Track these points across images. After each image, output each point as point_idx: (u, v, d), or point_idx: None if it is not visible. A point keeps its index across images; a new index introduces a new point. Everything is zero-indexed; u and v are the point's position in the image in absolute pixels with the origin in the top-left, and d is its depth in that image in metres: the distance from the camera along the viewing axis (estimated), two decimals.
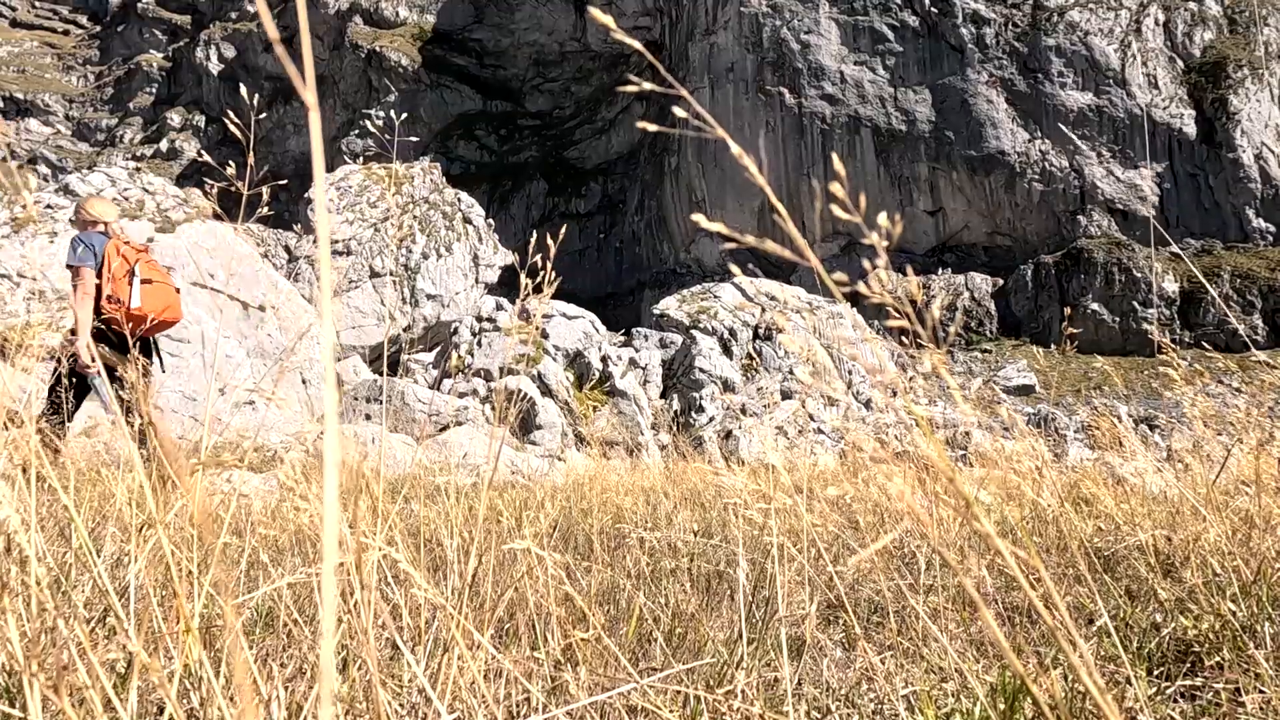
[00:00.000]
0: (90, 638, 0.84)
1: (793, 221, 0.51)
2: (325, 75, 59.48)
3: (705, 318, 19.75)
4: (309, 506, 0.90)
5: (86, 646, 0.59)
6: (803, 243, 0.45)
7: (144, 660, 0.62)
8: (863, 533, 2.55)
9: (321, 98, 59.18)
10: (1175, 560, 2.21)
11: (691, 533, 2.38)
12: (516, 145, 57.43)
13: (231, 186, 1.34)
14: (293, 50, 2.49)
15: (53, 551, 1.57)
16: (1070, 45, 40.99)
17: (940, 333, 0.59)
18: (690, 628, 1.68)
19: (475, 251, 29.65)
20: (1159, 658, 1.54)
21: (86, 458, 4.18)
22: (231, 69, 63.06)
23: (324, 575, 0.37)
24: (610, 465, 4.16)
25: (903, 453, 4.28)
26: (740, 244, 0.44)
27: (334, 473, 0.34)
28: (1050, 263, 38.88)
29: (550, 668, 1.24)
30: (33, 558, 0.70)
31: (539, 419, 15.14)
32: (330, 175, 30.10)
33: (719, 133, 0.45)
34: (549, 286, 1.53)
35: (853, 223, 0.61)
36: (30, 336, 6.19)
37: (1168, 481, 2.72)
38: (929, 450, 0.63)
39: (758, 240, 0.43)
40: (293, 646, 1.40)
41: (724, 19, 46.75)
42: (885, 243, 0.47)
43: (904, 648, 1.68)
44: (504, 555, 1.64)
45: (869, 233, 0.44)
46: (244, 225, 1.75)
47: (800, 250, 0.44)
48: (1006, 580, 2.23)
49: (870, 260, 2.05)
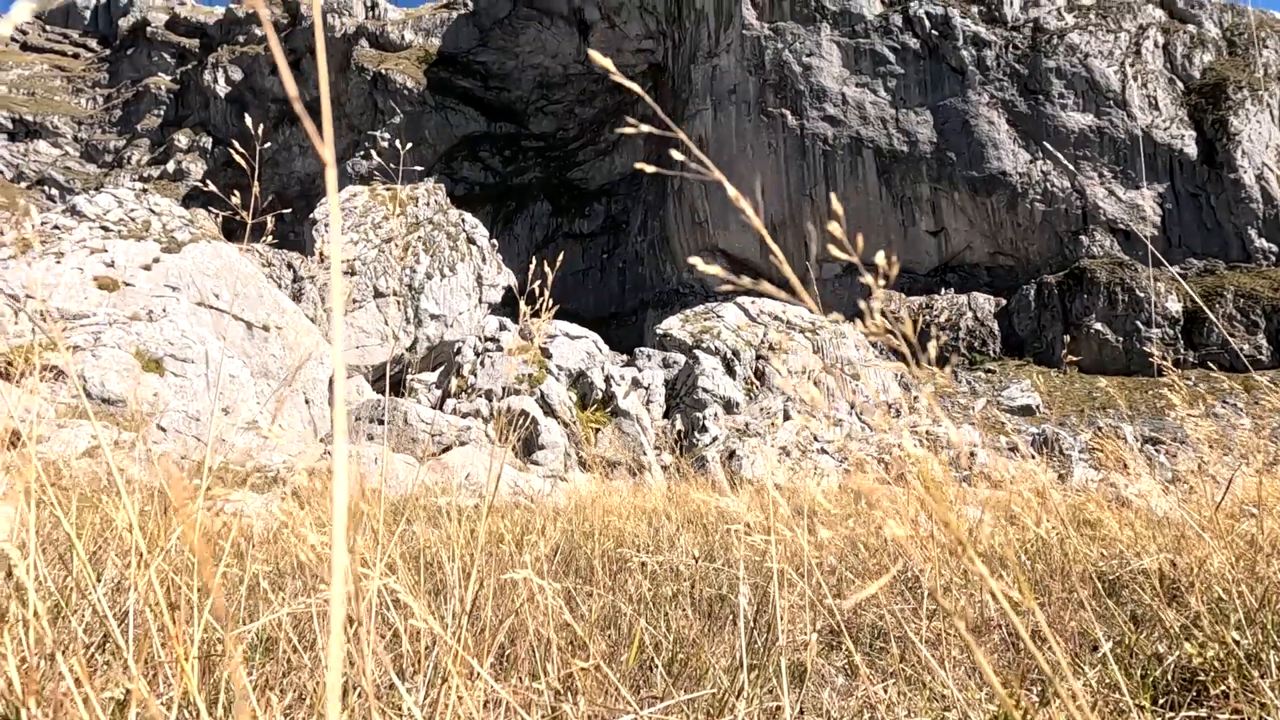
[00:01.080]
0: (89, 665, 0.84)
1: (795, 241, 0.51)
2: (331, 98, 59.99)
3: (708, 337, 19.77)
4: (308, 539, 0.90)
5: (84, 678, 0.58)
6: (797, 284, 0.46)
7: (142, 695, 0.62)
8: (865, 555, 2.54)
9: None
10: (1180, 585, 2.19)
11: (694, 557, 2.37)
12: (520, 166, 57.80)
13: (237, 215, 1.36)
14: (299, 72, 2.52)
15: (53, 576, 1.56)
16: (1070, 67, 41.27)
17: (941, 358, 0.58)
18: (692, 654, 1.67)
19: (479, 271, 29.75)
20: (1164, 686, 1.53)
21: (89, 480, 4.18)
22: (238, 91, 63.70)
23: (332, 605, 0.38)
24: (612, 486, 4.15)
25: (903, 475, 4.26)
26: (738, 287, 0.44)
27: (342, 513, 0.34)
28: (1053, 283, 38.90)
29: (550, 698, 1.23)
30: (30, 589, 0.70)
31: (541, 439, 15.11)
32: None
33: (716, 175, 0.45)
34: (547, 312, 1.54)
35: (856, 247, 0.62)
36: (36, 357, 6.22)
37: (1172, 504, 2.71)
38: (923, 486, 0.63)
39: (754, 282, 0.43)
40: (292, 673, 1.40)
41: (726, 42, 47.17)
42: (881, 282, 0.48)
43: (906, 675, 1.66)
44: (504, 581, 1.64)
45: (865, 272, 0.45)
46: (249, 246, 1.76)
47: (797, 292, 0.45)
48: (1013, 604, 2.22)
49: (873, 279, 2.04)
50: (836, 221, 0.45)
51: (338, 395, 0.31)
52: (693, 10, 49.85)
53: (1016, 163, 40.81)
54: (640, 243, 52.13)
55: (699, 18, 49.27)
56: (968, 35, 42.99)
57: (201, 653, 1.05)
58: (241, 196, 1.59)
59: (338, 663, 0.32)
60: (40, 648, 0.71)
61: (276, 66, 38.37)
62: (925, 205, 42.19)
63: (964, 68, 42.52)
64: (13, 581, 1.37)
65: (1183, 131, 39.99)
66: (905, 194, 42.36)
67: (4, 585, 1.39)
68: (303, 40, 61.45)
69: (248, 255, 21.78)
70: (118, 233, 18.97)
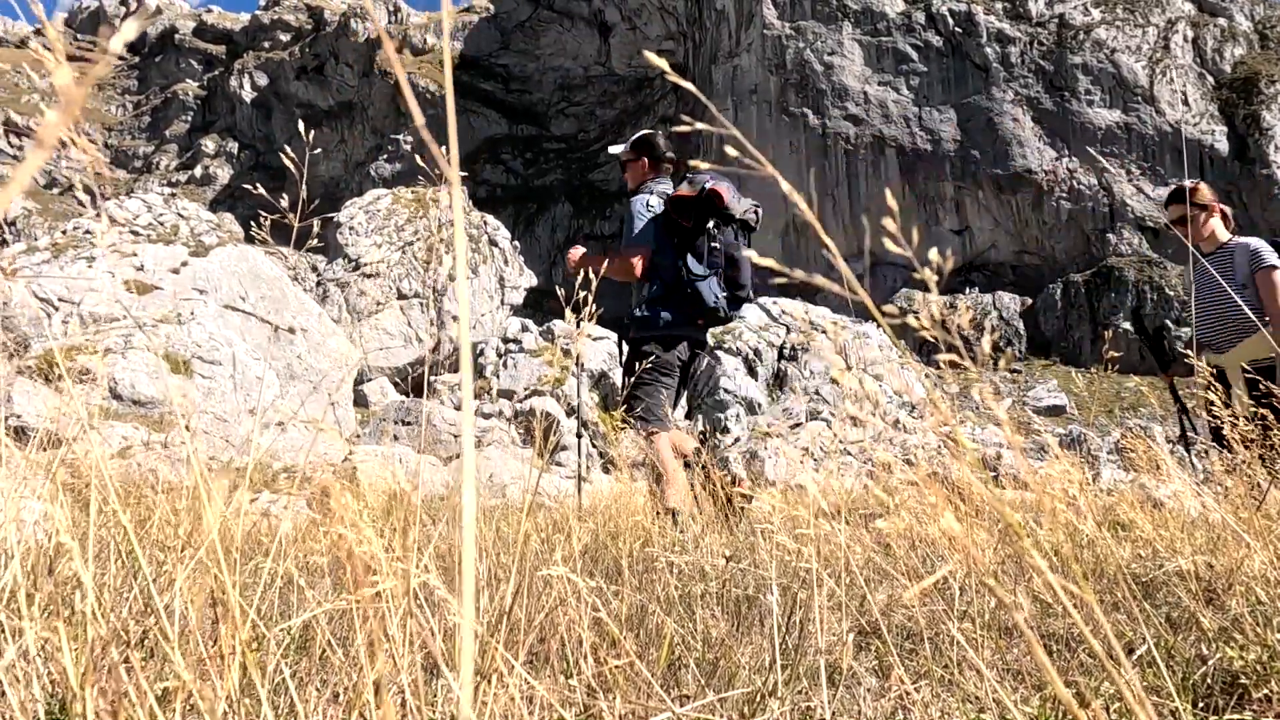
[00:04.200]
0: (138, 663, 0.85)
1: (817, 241, 0.51)
2: (355, 102, 60.62)
3: (730, 338, 19.72)
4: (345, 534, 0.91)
5: (138, 671, 0.60)
6: (851, 277, 0.46)
7: (195, 688, 0.64)
8: (895, 557, 2.52)
9: (350, 123, 60.29)
10: (1217, 587, 2.15)
11: (722, 557, 2.37)
12: (542, 168, 58.04)
13: (285, 218, 1.38)
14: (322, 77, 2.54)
15: (93, 571, 1.59)
16: (1097, 63, 40.73)
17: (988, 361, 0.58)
18: (722, 654, 1.67)
19: (501, 273, 29.92)
20: (1204, 690, 1.50)
21: (122, 478, 4.25)
22: (264, 97, 64.50)
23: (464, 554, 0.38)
24: (636, 487, 4.15)
25: (934, 474, 4.23)
26: (791, 278, 0.44)
27: (471, 513, 0.35)
28: (1080, 281, 38.41)
29: (584, 695, 1.24)
30: (89, 582, 0.71)
31: (564, 440, 15.16)
32: (359, 199, 30.55)
33: (752, 152, 0.45)
34: (591, 315, 1.55)
35: (880, 244, 0.62)
36: (70, 359, 6.33)
37: (1208, 504, 2.66)
38: (970, 477, 0.62)
39: (807, 275, 0.43)
40: (327, 671, 1.41)
41: (747, 41, 47.07)
42: (935, 276, 0.48)
43: (939, 676, 1.65)
44: (534, 579, 1.65)
45: (920, 267, 0.45)
46: (275, 249, 1.79)
47: (853, 286, 0.45)
48: (1042, 607, 2.19)
49: (895, 279, 2.06)
50: (890, 217, 0.45)
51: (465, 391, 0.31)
52: (713, 10, 49.79)
53: (1042, 160, 40.34)
54: None
55: (719, 18, 49.21)
56: (991, 32, 42.57)
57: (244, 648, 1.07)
58: (279, 200, 1.61)
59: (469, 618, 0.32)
60: (99, 640, 0.73)
61: (300, 72, 38.70)
62: (949, 204, 41.82)
63: (988, 65, 42.10)
64: (56, 576, 1.40)
65: (1213, 127, 39.33)
66: (928, 193, 42.02)
67: (47, 581, 1.41)
68: (327, 45, 62.12)
69: (273, 259, 22.04)
70: (147, 237, 19.28)
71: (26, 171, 0.27)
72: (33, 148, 0.29)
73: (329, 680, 1.40)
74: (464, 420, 0.31)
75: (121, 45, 0.31)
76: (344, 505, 0.75)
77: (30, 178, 0.28)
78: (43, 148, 0.28)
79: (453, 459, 11.78)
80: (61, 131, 0.29)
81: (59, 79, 0.31)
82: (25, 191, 51.60)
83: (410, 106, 0.35)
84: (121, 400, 13.13)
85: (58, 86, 0.30)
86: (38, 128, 0.29)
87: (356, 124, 59.85)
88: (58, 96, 0.30)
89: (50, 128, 0.28)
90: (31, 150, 0.28)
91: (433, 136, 1.52)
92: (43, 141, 0.28)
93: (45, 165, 65.60)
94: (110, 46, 0.31)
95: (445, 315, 28.03)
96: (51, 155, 0.30)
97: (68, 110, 0.29)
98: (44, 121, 0.28)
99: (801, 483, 6.70)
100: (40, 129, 0.28)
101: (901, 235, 0.53)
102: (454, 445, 13.29)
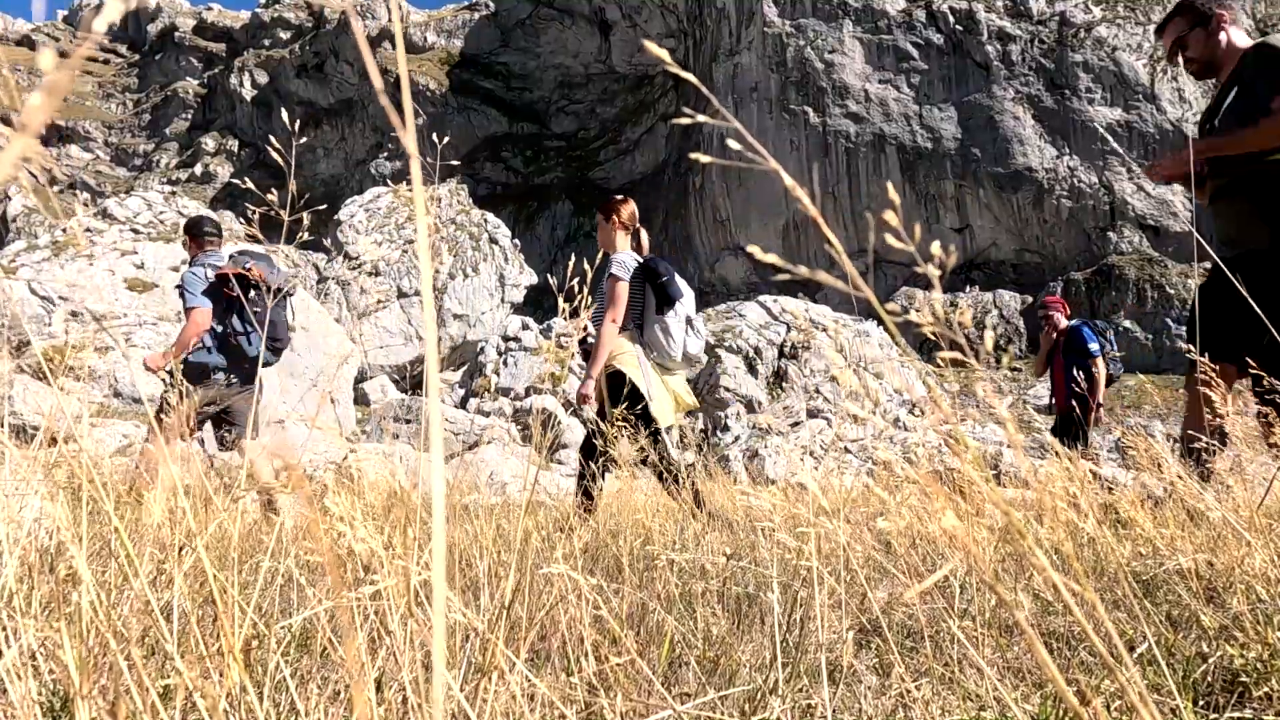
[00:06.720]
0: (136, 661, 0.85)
1: (818, 239, 0.51)
2: (355, 100, 60.60)
3: (730, 336, 19.72)
4: (347, 532, 0.91)
5: (140, 668, 0.60)
6: (856, 276, 0.46)
7: (196, 685, 0.63)
8: (896, 555, 2.52)
9: (351, 121, 60.26)
10: (1217, 586, 2.15)
11: (723, 555, 2.37)
12: (542, 166, 58.02)
13: (273, 212, 1.38)
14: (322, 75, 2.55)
15: (92, 569, 1.59)
16: (1098, 61, 40.69)
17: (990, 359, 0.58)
18: (723, 652, 1.67)
19: (501, 271, 29.91)
20: (1205, 688, 1.50)
21: (123, 478, 4.25)
22: (264, 95, 64.47)
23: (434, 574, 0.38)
24: (637, 485, 4.16)
25: (934, 472, 4.23)
26: (793, 274, 0.44)
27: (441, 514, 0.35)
28: (1081, 280, 38.39)
29: (585, 692, 1.24)
30: (88, 579, 0.71)
31: (565, 438, 15.16)
32: (360, 197, 30.55)
33: (755, 145, 0.45)
34: (585, 311, 1.55)
35: (880, 242, 0.61)
36: (69, 357, 6.34)
37: (1209, 502, 2.66)
38: (972, 475, 0.62)
39: (810, 271, 0.43)
40: (328, 668, 1.41)
41: (747, 39, 47.03)
42: (938, 271, 0.47)
43: (939, 674, 1.65)
44: (535, 577, 1.65)
45: (923, 263, 0.44)
46: (275, 247, 1.79)
47: (856, 282, 0.44)
48: (1042, 605, 2.19)
49: (896, 277, 2.06)
50: (893, 210, 0.45)
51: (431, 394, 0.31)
52: (713, 8, 49.74)
53: (1043, 158, 40.31)
54: (662, 242, 52.11)
55: (720, 15, 49.16)
56: (992, 30, 42.52)
57: (242, 646, 1.07)
58: (278, 197, 1.61)
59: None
60: (99, 637, 0.73)
61: (300, 70, 38.70)
62: (949, 202, 41.80)
63: (988, 63, 42.06)
64: (57, 574, 1.40)
65: None
66: (929, 191, 41.99)
67: (47, 578, 1.41)
68: (328, 43, 62.08)
69: (273, 256, 22.03)
70: (147, 235, 19.28)
71: (9, 157, 0.27)
72: (16, 133, 0.28)
73: (329, 678, 1.41)
74: (429, 382, 0.31)
75: (105, 25, 0.30)
76: (340, 504, 0.75)
77: (12, 164, 0.28)
78: (26, 132, 0.28)
79: (454, 456, 11.78)
80: (46, 115, 0.29)
81: (43, 62, 0.30)
82: (26, 189, 51.42)
83: (392, 117, 0.34)
84: (122, 398, 13.12)
85: (42, 69, 0.30)
86: (21, 113, 0.29)
87: (357, 122, 59.84)
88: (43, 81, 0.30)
89: (33, 110, 0.28)
90: (14, 136, 0.28)
91: (432, 135, 1.52)
92: (26, 126, 0.28)
93: (45, 163, 65.57)
94: (95, 27, 0.30)
95: (446, 314, 28.03)
96: (37, 141, 0.30)
97: (52, 93, 0.28)
98: (28, 106, 0.28)
99: (802, 481, 6.70)
100: (24, 113, 0.28)
101: (904, 231, 0.53)
102: (454, 443, 13.30)
